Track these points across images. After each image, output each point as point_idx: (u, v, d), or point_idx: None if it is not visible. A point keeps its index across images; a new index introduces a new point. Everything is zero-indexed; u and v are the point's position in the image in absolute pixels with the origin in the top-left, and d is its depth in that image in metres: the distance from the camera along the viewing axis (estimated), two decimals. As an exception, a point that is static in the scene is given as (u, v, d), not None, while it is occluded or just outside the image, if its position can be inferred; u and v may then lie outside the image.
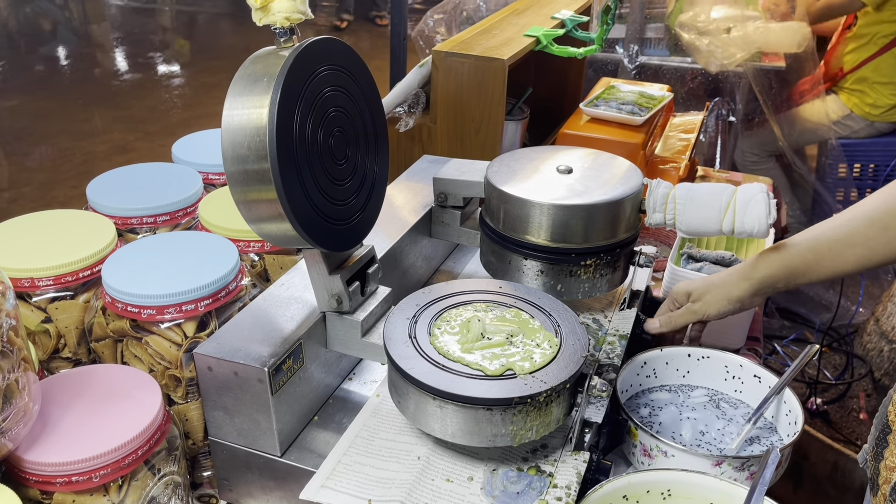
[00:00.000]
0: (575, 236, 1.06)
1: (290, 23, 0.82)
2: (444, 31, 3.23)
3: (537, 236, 1.06)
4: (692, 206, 1.05)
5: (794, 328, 3.06)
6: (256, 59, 0.83)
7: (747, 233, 1.04)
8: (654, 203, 1.07)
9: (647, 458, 1.01)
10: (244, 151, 0.80)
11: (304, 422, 0.97)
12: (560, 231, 1.05)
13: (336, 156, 0.90)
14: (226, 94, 0.81)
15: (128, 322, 0.96)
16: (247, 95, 0.80)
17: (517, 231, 1.08)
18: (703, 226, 1.06)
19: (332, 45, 0.88)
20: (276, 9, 0.81)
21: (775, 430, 1.09)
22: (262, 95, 0.79)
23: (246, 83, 0.81)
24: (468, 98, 1.50)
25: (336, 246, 0.91)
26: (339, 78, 0.89)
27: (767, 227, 1.04)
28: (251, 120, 0.79)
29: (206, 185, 1.31)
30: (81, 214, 1.12)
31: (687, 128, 1.91)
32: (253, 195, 0.81)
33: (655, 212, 1.07)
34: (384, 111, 1.00)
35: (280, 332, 0.92)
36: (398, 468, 0.88)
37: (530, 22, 1.74)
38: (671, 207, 1.06)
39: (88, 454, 0.81)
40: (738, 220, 1.03)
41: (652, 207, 1.08)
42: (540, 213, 1.05)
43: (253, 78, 0.81)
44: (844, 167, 3.41)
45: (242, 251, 1.11)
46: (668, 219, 1.07)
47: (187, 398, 0.98)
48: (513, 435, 0.85)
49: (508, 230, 1.09)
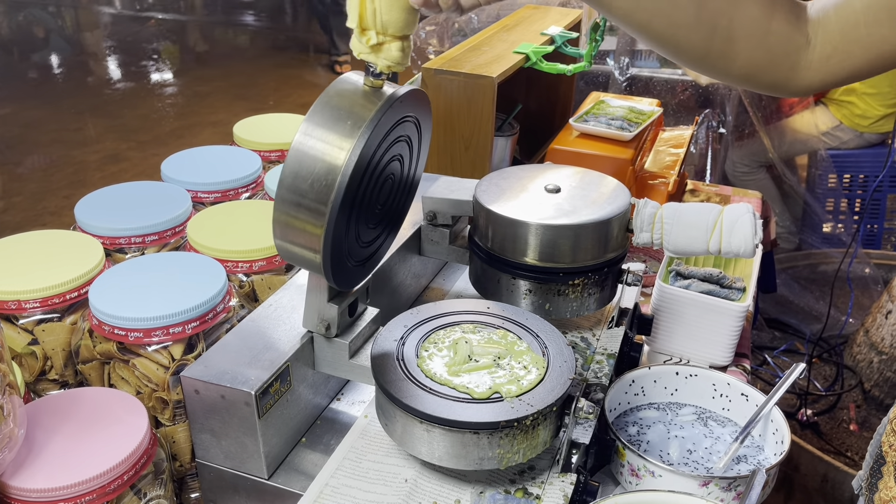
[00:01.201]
0: (563, 256, 1.06)
1: (389, 71, 0.82)
2: (436, 43, 3.24)
3: (525, 256, 1.07)
4: (679, 226, 1.06)
5: (785, 339, 3.07)
6: (343, 93, 0.81)
7: (734, 253, 1.05)
8: (642, 223, 1.08)
9: (634, 477, 1.01)
10: (305, 186, 0.79)
11: (291, 443, 0.96)
12: (548, 251, 1.06)
13: (379, 201, 0.90)
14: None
15: (114, 344, 0.96)
16: (327, 130, 0.78)
17: (505, 251, 1.08)
18: (689, 245, 1.06)
19: (417, 97, 0.88)
20: (386, 55, 0.81)
21: (762, 448, 1.09)
22: (343, 138, 0.78)
23: (329, 116, 0.79)
24: (458, 115, 1.51)
25: (347, 284, 0.91)
26: (410, 128, 0.90)
27: (753, 248, 1.04)
28: (325, 159, 0.78)
29: (196, 203, 1.31)
30: (69, 235, 1.12)
31: (676, 142, 1.92)
32: (297, 224, 0.81)
33: (643, 231, 1.08)
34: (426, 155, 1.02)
35: (267, 354, 0.92)
36: (385, 491, 0.88)
37: (520, 38, 1.75)
38: (658, 227, 1.07)
39: (74, 480, 0.80)
40: (724, 241, 1.04)
41: (639, 227, 1.08)
42: (528, 233, 1.05)
43: (337, 114, 0.79)
44: (834, 178, 3.44)
45: (230, 271, 1.11)
46: (655, 238, 1.08)
47: (175, 420, 0.98)
48: (500, 458, 0.85)
49: (497, 250, 1.09)
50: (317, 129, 0.79)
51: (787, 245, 3.51)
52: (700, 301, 1.27)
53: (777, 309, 3.14)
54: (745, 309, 1.26)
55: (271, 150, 1.49)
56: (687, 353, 1.31)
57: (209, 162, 1.39)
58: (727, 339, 1.28)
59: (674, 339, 1.31)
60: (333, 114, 0.80)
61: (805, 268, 3.33)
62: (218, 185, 1.32)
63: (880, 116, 3.19)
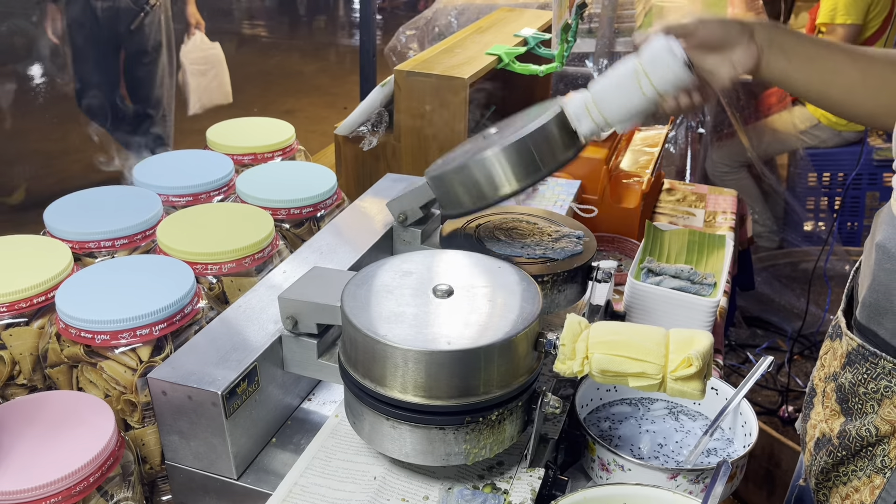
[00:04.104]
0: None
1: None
2: (417, 47, 3.25)
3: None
4: (609, 92, 1.00)
5: (767, 336, 3.10)
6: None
7: (671, 83, 0.97)
8: (576, 113, 1.01)
9: (604, 472, 1.02)
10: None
11: (261, 444, 0.96)
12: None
13: None
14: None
15: (82, 348, 0.95)
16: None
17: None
18: (628, 104, 0.99)
19: None
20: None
21: (732, 441, 1.10)
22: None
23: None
24: (430, 116, 1.51)
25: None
26: None
27: (684, 65, 0.96)
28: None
29: (168, 207, 1.31)
30: (37, 240, 1.12)
31: (651, 142, 1.94)
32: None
33: (581, 120, 1.01)
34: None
35: (235, 354, 0.92)
36: (354, 489, 0.88)
37: (493, 40, 1.76)
38: (592, 107, 1.00)
39: (39, 482, 0.80)
40: (653, 78, 0.97)
41: (576, 118, 1.02)
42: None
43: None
44: (814, 176, 3.47)
45: (200, 274, 1.11)
46: (596, 119, 1.01)
47: (144, 423, 0.98)
48: (466, 453, 0.85)
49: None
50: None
51: (769, 244, 3.54)
52: (671, 297, 1.28)
53: (758, 307, 3.16)
54: (716, 304, 1.27)
55: (244, 154, 1.49)
56: (660, 349, 1.32)
57: (181, 166, 1.39)
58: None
59: (646, 336, 1.32)
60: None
61: (785, 266, 3.35)
62: (190, 188, 1.32)
63: (857, 115, 3.22)
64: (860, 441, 0.92)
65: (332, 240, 1.20)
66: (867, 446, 0.92)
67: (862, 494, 0.93)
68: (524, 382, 0.86)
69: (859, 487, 0.94)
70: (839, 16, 3.04)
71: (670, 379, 0.83)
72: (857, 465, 0.94)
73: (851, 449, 0.93)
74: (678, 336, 0.85)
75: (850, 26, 3.02)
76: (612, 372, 0.84)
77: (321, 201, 1.35)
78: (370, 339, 0.81)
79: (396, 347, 0.80)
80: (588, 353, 0.85)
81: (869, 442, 0.91)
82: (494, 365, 0.82)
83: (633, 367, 0.84)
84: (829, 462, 0.97)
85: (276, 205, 1.30)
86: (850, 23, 3.02)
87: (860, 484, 0.94)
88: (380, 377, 0.83)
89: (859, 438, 0.92)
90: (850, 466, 0.95)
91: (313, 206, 1.34)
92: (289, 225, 1.33)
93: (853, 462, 0.94)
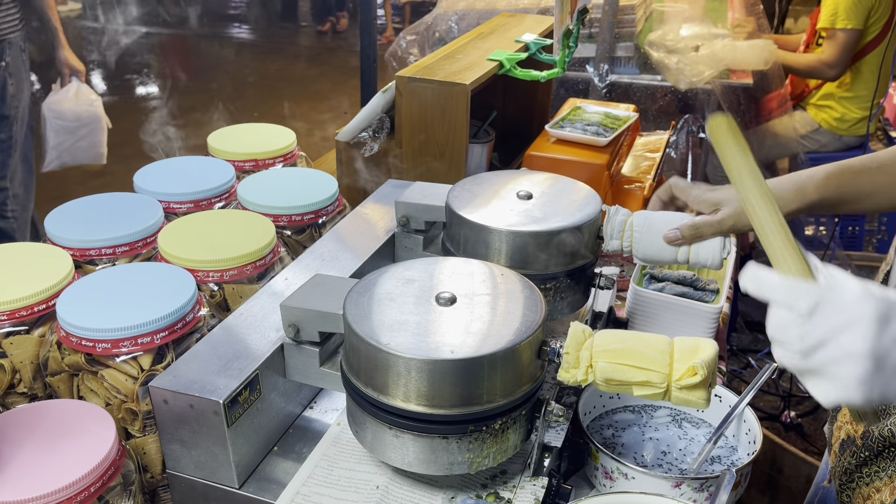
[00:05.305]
0: (533, 262, 1.06)
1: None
2: (417, 53, 3.25)
3: (496, 261, 1.07)
4: (649, 234, 1.06)
5: (768, 341, 3.08)
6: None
7: (701, 264, 1.06)
8: (612, 230, 1.08)
9: (608, 480, 1.01)
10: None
11: (263, 452, 0.96)
12: (519, 256, 1.06)
13: None
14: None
15: (83, 356, 0.95)
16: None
17: (477, 256, 1.08)
18: (658, 254, 1.07)
19: None
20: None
21: (736, 449, 1.09)
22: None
23: None
24: (432, 122, 1.51)
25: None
26: None
27: (721, 261, 1.05)
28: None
29: (169, 214, 1.31)
30: (38, 247, 1.12)
31: (653, 147, 1.93)
32: None
33: (613, 238, 1.09)
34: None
35: (237, 362, 0.92)
36: (356, 498, 0.88)
37: (494, 46, 1.76)
38: (628, 235, 1.07)
39: (39, 492, 0.80)
40: (692, 252, 1.05)
41: (609, 234, 1.09)
42: (498, 239, 1.06)
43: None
44: (815, 181, 3.46)
45: (201, 281, 1.10)
46: (625, 246, 1.08)
47: (145, 431, 0.97)
48: (469, 462, 0.85)
49: (469, 255, 1.09)
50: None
51: (770, 248, 3.53)
52: (674, 303, 1.28)
53: (760, 312, 3.14)
54: (719, 310, 1.27)
55: (245, 160, 1.49)
56: (662, 356, 1.32)
57: (182, 172, 1.39)
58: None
59: (649, 342, 1.31)
60: None
61: (787, 270, 3.34)
62: (191, 195, 1.32)
63: (857, 119, 3.22)
64: (882, 441, 0.96)
65: (334, 246, 1.20)
66: (889, 446, 0.95)
67: (883, 494, 0.96)
68: (528, 391, 0.85)
69: (881, 488, 0.96)
70: (840, 21, 3.04)
71: (675, 388, 0.83)
72: (880, 465, 0.97)
73: (874, 449, 0.97)
74: (682, 344, 0.85)
75: (850, 31, 3.02)
76: (616, 381, 0.84)
77: (323, 208, 1.35)
78: (373, 347, 0.81)
79: (399, 356, 0.79)
80: (592, 362, 0.84)
81: (891, 442, 0.95)
82: (498, 373, 0.82)
83: (638, 375, 0.83)
84: (853, 463, 1.00)
85: (277, 211, 1.30)
86: (850, 28, 3.02)
87: (881, 484, 0.97)
88: (382, 386, 0.82)
89: (881, 439, 0.96)
90: (873, 467, 0.98)
91: (315, 213, 1.34)
92: (290, 232, 1.33)
93: (876, 463, 0.97)
